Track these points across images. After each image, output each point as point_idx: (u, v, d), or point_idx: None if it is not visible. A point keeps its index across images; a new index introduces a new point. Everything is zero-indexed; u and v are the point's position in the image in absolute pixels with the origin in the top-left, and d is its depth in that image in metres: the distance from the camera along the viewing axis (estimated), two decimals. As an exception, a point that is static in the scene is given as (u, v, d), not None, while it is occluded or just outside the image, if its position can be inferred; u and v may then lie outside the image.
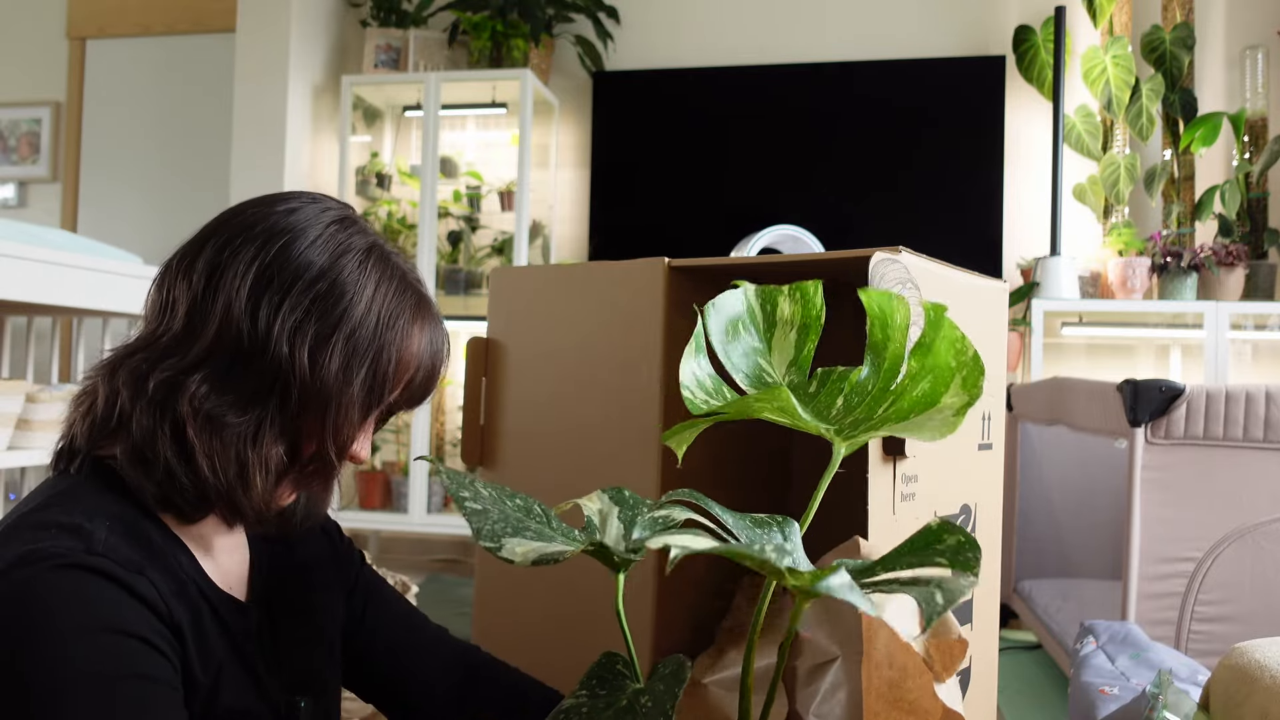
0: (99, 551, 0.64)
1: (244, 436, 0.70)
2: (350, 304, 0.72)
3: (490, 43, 3.72)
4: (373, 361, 0.73)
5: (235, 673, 0.72)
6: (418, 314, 0.77)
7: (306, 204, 0.76)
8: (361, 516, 3.72)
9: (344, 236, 0.75)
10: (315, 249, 0.73)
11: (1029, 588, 2.60)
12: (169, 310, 0.73)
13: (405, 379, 0.77)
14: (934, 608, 0.47)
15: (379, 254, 0.76)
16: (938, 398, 0.64)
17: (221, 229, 0.74)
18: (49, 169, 4.39)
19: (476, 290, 3.71)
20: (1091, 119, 3.43)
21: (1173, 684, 1.12)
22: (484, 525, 0.63)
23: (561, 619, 1.03)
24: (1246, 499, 1.81)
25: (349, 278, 0.73)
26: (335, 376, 0.71)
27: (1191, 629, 1.82)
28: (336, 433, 0.73)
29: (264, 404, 0.70)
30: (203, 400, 0.69)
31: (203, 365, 0.70)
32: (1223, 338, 3.07)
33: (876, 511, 0.83)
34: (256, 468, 0.70)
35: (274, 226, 0.73)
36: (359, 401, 0.73)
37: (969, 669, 1.01)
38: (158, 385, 0.69)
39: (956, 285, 0.97)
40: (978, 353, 0.63)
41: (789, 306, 0.71)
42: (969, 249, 3.43)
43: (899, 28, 3.65)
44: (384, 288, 0.74)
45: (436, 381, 0.81)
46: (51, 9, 4.40)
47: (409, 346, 0.76)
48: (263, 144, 3.64)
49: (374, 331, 0.73)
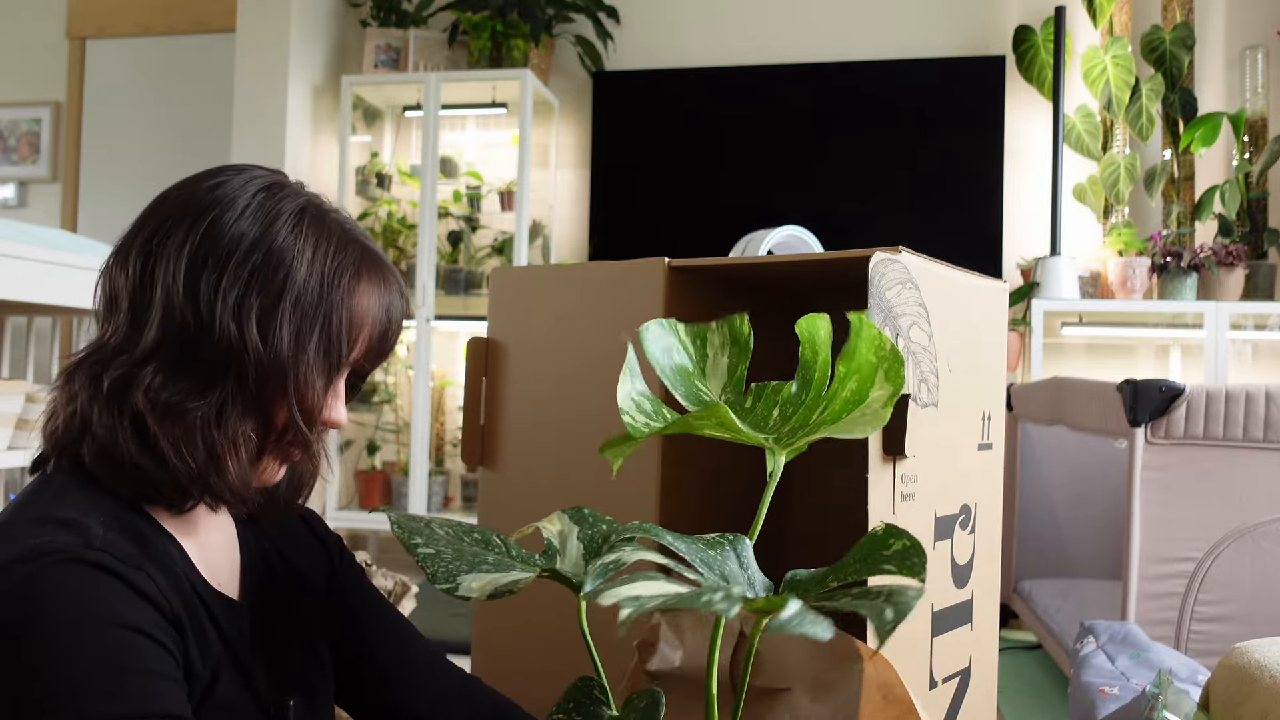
0: (98, 546, 0.64)
1: (207, 420, 0.69)
2: (290, 269, 0.71)
3: (490, 43, 3.72)
4: (323, 324, 0.72)
5: (229, 670, 0.72)
6: (363, 269, 0.75)
7: (231, 176, 0.74)
8: (361, 516, 3.72)
9: (273, 203, 0.73)
10: (245, 220, 0.71)
11: (1029, 588, 2.60)
12: (114, 307, 0.72)
13: (362, 336, 0.75)
14: (884, 624, 0.46)
15: (313, 214, 0.74)
16: (865, 394, 0.65)
17: (150, 216, 0.73)
18: (49, 169, 4.39)
19: (476, 290, 3.71)
20: (1091, 119, 3.43)
21: (1173, 684, 1.12)
22: (438, 568, 0.64)
23: (562, 619, 1.03)
24: (1246, 499, 1.81)
25: (284, 243, 0.71)
26: (288, 345, 0.70)
27: (1191, 629, 1.82)
28: (301, 400, 0.72)
29: (222, 384, 0.70)
30: (159, 390, 0.68)
31: (154, 356, 0.69)
32: (1223, 338, 3.07)
33: (876, 511, 0.83)
34: (225, 448, 0.70)
35: (200, 204, 0.72)
36: (317, 366, 0.72)
37: (969, 669, 1.01)
38: (112, 384, 0.69)
39: (956, 285, 0.97)
40: (895, 346, 0.65)
41: (718, 338, 0.72)
42: (969, 249, 3.43)
43: (899, 28, 3.65)
44: (323, 247, 0.73)
45: (396, 336, 0.79)
46: (51, 9, 4.40)
47: (359, 303, 0.74)
48: (263, 144, 3.64)
49: (319, 293, 0.72)
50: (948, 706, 0.97)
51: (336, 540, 0.92)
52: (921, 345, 0.90)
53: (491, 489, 1.11)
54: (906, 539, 0.56)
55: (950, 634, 0.96)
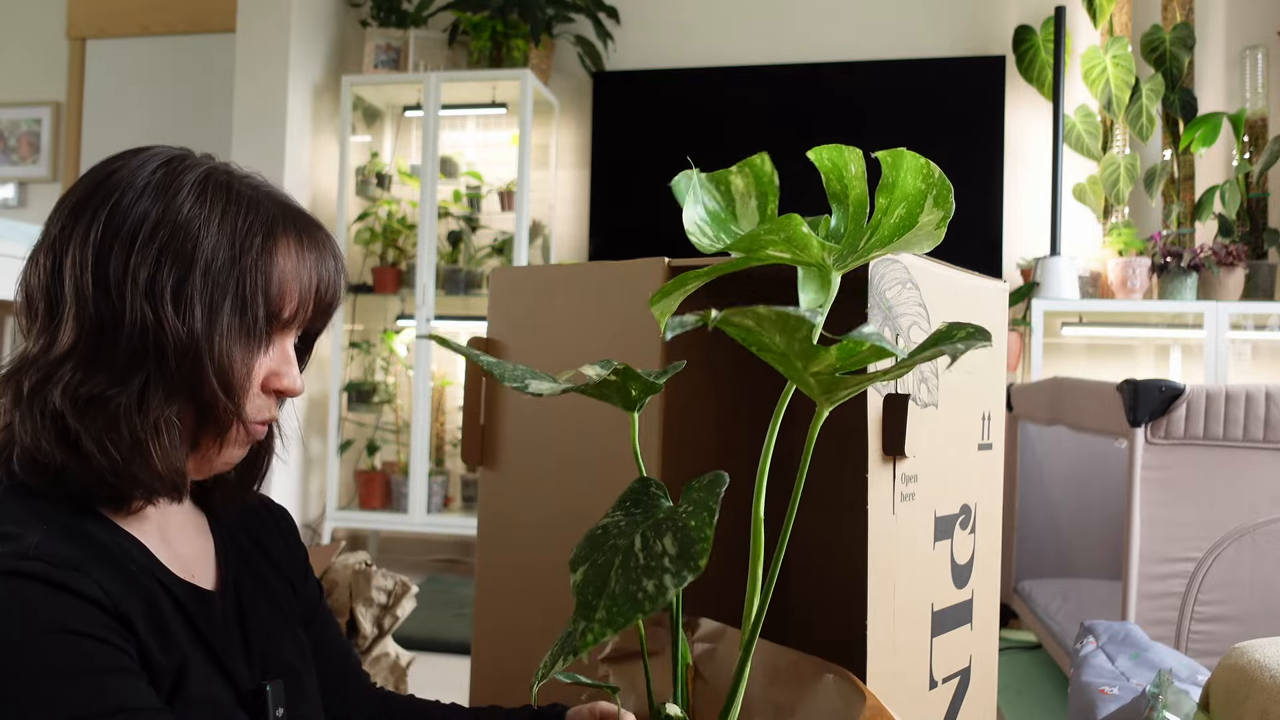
0: (31, 555, 0.62)
1: (129, 407, 0.67)
2: (198, 240, 0.69)
3: (490, 43, 3.72)
4: (236, 290, 0.69)
5: (199, 660, 0.70)
6: (276, 229, 0.72)
7: (129, 159, 0.72)
8: (361, 516, 3.72)
9: (172, 177, 0.71)
10: (145, 198, 0.69)
11: (1029, 588, 2.60)
12: (32, 312, 0.70)
13: (287, 297, 0.73)
14: (956, 352, 0.56)
15: (216, 181, 0.72)
16: (915, 219, 0.65)
17: (55, 214, 0.71)
18: (49, 169, 4.39)
19: (476, 290, 3.71)
20: (1091, 119, 3.43)
21: (1173, 684, 1.12)
22: (504, 371, 0.68)
23: (562, 619, 1.03)
24: (1246, 499, 1.81)
25: (189, 214, 0.69)
26: (201, 318, 0.68)
27: (1191, 629, 1.82)
28: (222, 373, 0.69)
29: (141, 369, 0.68)
30: (77, 386, 0.67)
31: (71, 354, 0.68)
32: (1223, 338, 3.07)
33: (876, 511, 0.83)
34: (149, 435, 0.68)
35: (100, 192, 0.70)
36: (236, 335, 0.70)
37: (969, 669, 1.01)
38: (31, 388, 0.67)
39: (956, 285, 0.97)
40: (943, 174, 0.65)
41: (741, 181, 0.73)
42: (969, 249, 3.43)
43: (899, 28, 3.65)
44: (230, 212, 0.71)
45: (333, 294, 0.77)
46: (51, 9, 4.40)
47: (275, 264, 0.72)
48: (263, 144, 3.64)
49: (229, 260, 0.69)
50: (948, 706, 0.97)
51: (301, 548, 0.90)
52: (921, 345, 0.89)
53: (491, 489, 1.11)
54: (970, 327, 0.61)
55: (950, 634, 0.96)
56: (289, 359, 0.75)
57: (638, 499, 0.66)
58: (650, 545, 0.61)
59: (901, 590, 0.87)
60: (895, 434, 0.84)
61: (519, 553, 1.08)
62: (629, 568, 0.60)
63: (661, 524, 0.62)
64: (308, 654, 0.84)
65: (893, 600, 0.86)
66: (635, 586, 0.59)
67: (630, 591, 0.59)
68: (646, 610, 0.58)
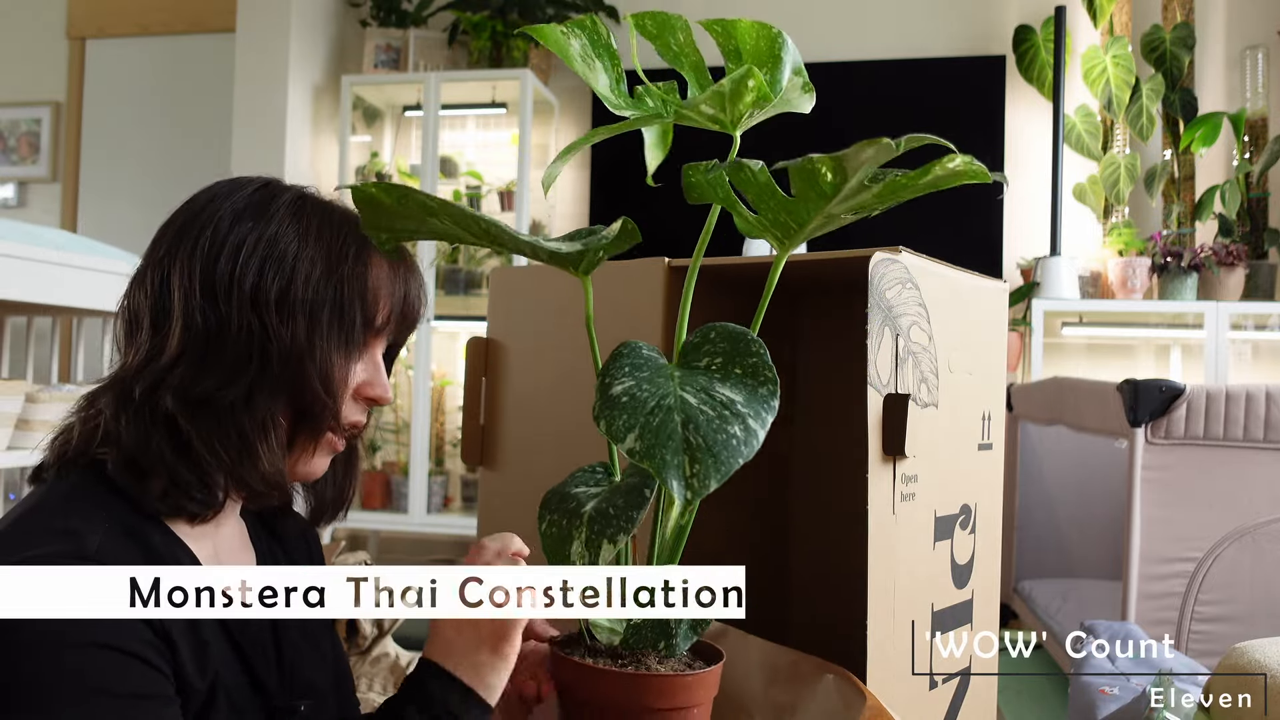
0: (91, 557, 0.63)
1: (236, 405, 0.71)
2: (297, 253, 0.73)
3: (490, 43, 3.72)
4: (334, 297, 0.73)
5: (234, 679, 0.71)
6: (367, 244, 0.76)
7: (224, 185, 0.77)
8: (361, 516, 3.72)
9: (268, 196, 0.76)
10: (245, 219, 0.74)
11: (1029, 588, 2.60)
12: (136, 326, 0.74)
13: (380, 307, 0.77)
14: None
15: (311, 201, 0.77)
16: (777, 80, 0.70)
17: (159, 240, 0.76)
18: (49, 169, 4.39)
19: (476, 290, 3.71)
20: (1091, 119, 3.43)
21: (1173, 684, 1.12)
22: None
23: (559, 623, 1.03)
24: (1246, 499, 1.81)
25: (286, 229, 0.74)
26: (304, 325, 0.72)
27: (1191, 629, 1.82)
28: (324, 377, 0.73)
29: (246, 373, 0.71)
30: (189, 388, 0.70)
31: (180, 360, 0.71)
32: (1223, 338, 3.07)
33: (876, 511, 0.83)
34: (256, 432, 0.71)
35: (200, 216, 0.74)
36: (335, 339, 0.74)
37: (969, 669, 1.01)
38: (143, 392, 0.70)
39: (956, 285, 0.97)
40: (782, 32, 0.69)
41: (577, 43, 0.76)
42: (969, 249, 3.43)
43: (899, 28, 3.65)
44: (326, 229, 0.75)
45: (418, 306, 0.81)
46: (51, 9, 4.39)
47: (369, 274, 0.76)
48: (263, 144, 3.64)
49: (327, 270, 0.74)
50: (948, 706, 0.97)
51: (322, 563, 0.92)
52: (921, 345, 0.89)
53: (491, 489, 1.11)
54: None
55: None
56: (379, 367, 0.79)
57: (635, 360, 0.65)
58: (712, 395, 0.60)
59: (901, 590, 0.87)
60: (895, 434, 0.84)
61: (519, 553, 1.08)
62: (700, 423, 0.59)
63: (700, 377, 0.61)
64: (330, 673, 0.85)
65: (893, 600, 0.86)
66: (724, 435, 0.58)
67: (721, 441, 0.58)
68: (745, 456, 0.58)
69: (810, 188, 0.63)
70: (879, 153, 0.58)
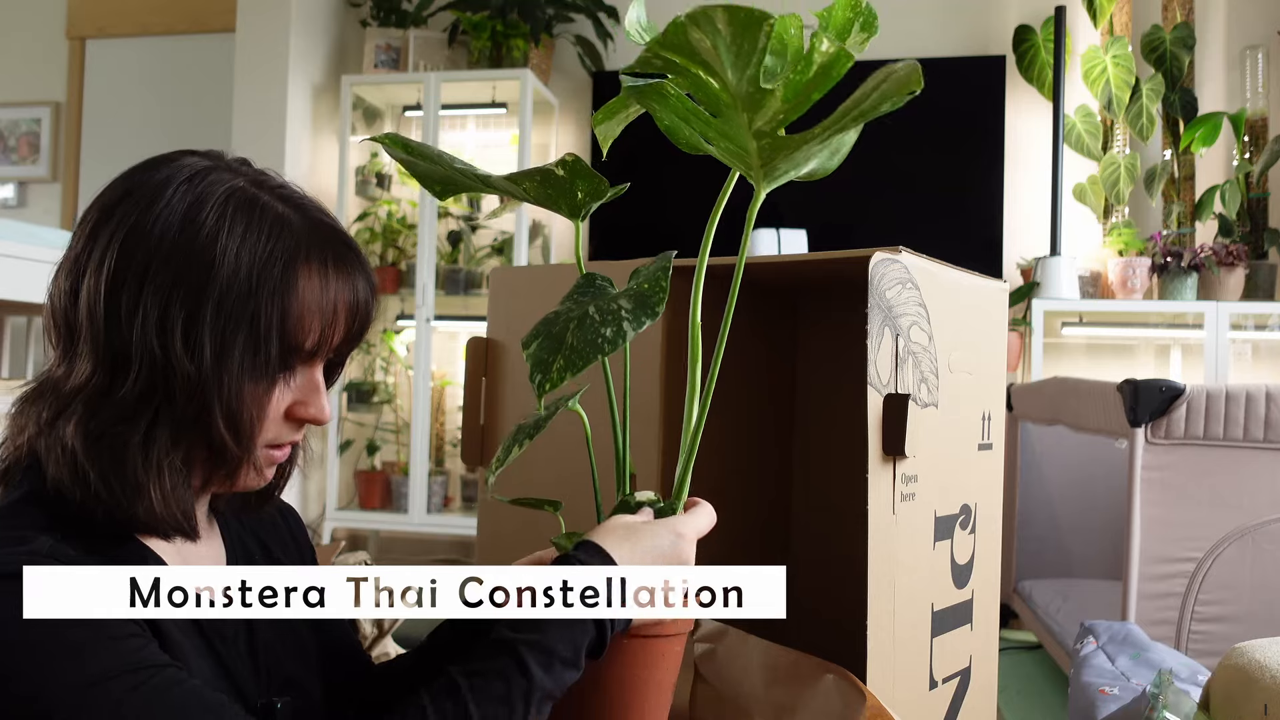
0: (45, 554, 0.61)
1: (134, 448, 0.65)
2: (214, 269, 0.64)
3: (490, 43, 3.72)
4: (250, 324, 0.65)
5: (207, 676, 0.69)
6: (299, 257, 0.67)
7: (157, 170, 0.69)
8: (361, 516, 3.72)
9: (195, 195, 0.66)
10: (162, 221, 0.65)
11: (1029, 588, 2.60)
12: (57, 333, 0.68)
13: (310, 328, 0.68)
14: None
15: (240, 200, 0.67)
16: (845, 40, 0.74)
17: (79, 228, 0.68)
18: (49, 169, 4.39)
19: (476, 290, 3.71)
20: (1091, 119, 3.43)
21: (1173, 684, 1.12)
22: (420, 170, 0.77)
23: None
24: (1246, 499, 1.81)
25: (206, 240, 0.65)
26: (210, 355, 0.64)
27: (1191, 629, 1.82)
28: (230, 416, 0.66)
29: (150, 408, 0.65)
30: (88, 422, 0.65)
31: (84, 388, 0.65)
32: (1223, 338, 3.07)
33: (876, 511, 0.83)
34: (152, 478, 0.65)
35: (120, 207, 0.67)
36: (247, 372, 0.66)
37: (969, 669, 1.01)
38: (48, 419, 0.66)
39: (956, 285, 0.97)
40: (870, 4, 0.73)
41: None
42: (969, 249, 3.43)
43: (899, 28, 3.65)
44: (251, 238, 0.66)
45: (364, 318, 0.72)
46: (51, 9, 4.40)
47: (296, 295, 0.67)
48: (263, 144, 3.64)
49: (247, 290, 0.65)
50: (948, 706, 0.97)
51: (310, 549, 0.90)
52: (921, 345, 0.89)
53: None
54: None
55: (950, 634, 0.96)
56: (316, 387, 0.71)
57: (584, 289, 0.70)
58: (604, 307, 0.66)
59: (901, 590, 0.87)
60: (895, 434, 0.84)
61: (519, 553, 1.08)
62: (585, 326, 0.65)
63: (615, 296, 0.66)
64: (314, 666, 0.83)
65: (893, 600, 0.86)
66: (593, 335, 0.64)
67: (588, 340, 0.64)
68: (605, 351, 0.63)
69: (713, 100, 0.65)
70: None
